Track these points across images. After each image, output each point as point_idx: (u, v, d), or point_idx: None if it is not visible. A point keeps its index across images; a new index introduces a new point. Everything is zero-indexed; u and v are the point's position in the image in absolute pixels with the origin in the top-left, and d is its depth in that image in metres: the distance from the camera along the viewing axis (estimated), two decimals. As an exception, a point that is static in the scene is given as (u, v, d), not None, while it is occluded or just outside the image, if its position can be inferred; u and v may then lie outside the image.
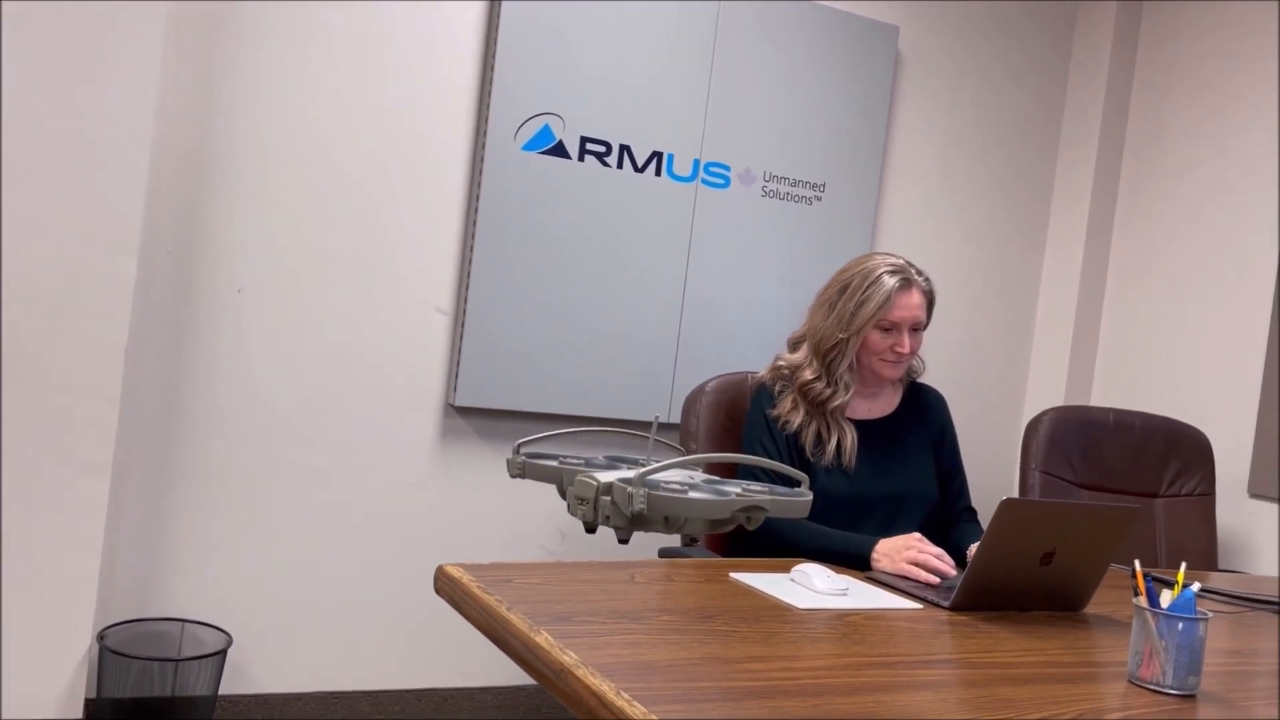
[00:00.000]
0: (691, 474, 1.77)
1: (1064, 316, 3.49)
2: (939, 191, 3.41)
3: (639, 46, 2.84)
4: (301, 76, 2.56)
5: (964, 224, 3.46)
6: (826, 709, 1.02)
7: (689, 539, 2.04)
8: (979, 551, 1.51)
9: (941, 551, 1.74)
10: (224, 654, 2.45)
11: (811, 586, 1.53)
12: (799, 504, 1.68)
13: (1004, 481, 3.45)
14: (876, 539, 1.80)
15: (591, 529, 1.60)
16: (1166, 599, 1.25)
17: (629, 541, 1.62)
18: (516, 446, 1.84)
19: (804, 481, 1.76)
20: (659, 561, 1.70)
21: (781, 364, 2.11)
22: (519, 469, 1.82)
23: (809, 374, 2.04)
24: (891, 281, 2.00)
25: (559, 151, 2.77)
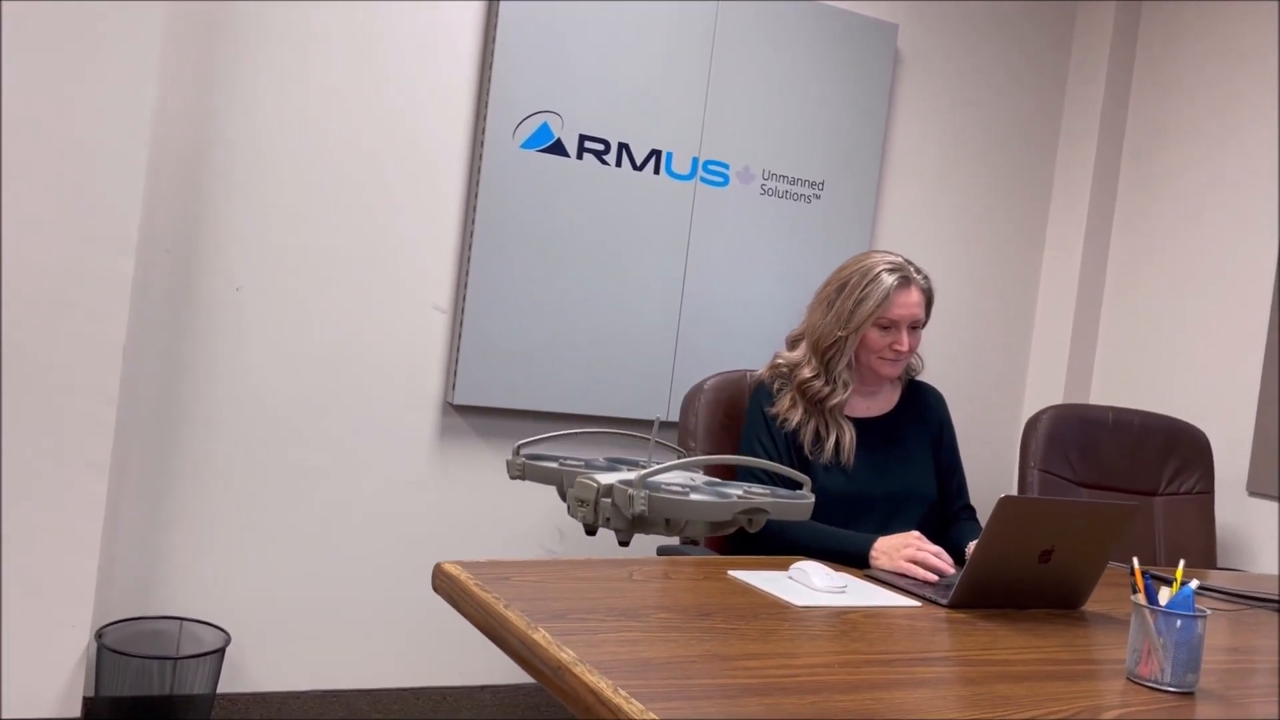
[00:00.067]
0: (692, 476, 1.77)
1: (1063, 314, 3.49)
2: (938, 190, 3.41)
3: (638, 44, 2.84)
4: (300, 75, 2.56)
5: (963, 222, 3.46)
6: (824, 706, 1.02)
7: (689, 540, 2.04)
8: (977, 549, 1.51)
9: (940, 550, 1.74)
10: (222, 652, 2.45)
11: (810, 584, 1.53)
12: (801, 506, 1.67)
13: (1003, 480, 3.45)
14: (875, 537, 1.80)
15: (592, 531, 1.60)
16: (1165, 596, 1.25)
17: (629, 544, 1.62)
18: (516, 448, 1.84)
19: (806, 484, 1.76)
20: (657, 559, 1.70)
21: (780, 362, 2.11)
22: (519, 470, 1.81)
23: (807, 372, 2.04)
24: (890, 279, 2.00)
25: (557, 150, 2.76)
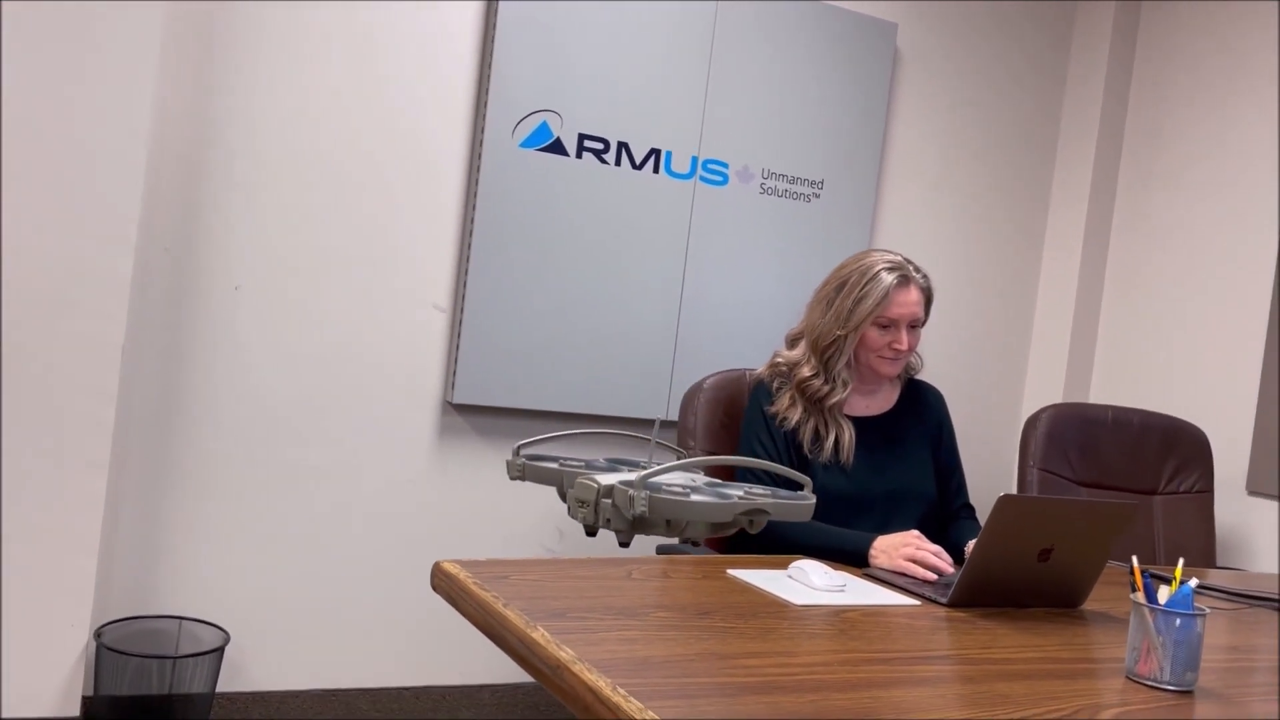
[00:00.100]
0: (693, 476, 1.76)
1: (1062, 313, 3.49)
2: (937, 189, 3.41)
3: (637, 43, 2.83)
4: (299, 75, 2.56)
5: (962, 221, 3.46)
6: (823, 705, 1.02)
7: (690, 540, 2.04)
8: (977, 548, 1.51)
9: (939, 549, 1.74)
10: (221, 651, 2.45)
11: (809, 583, 1.53)
12: (802, 507, 1.67)
13: (1002, 479, 3.45)
14: (874, 536, 1.80)
15: (592, 532, 1.59)
16: (1164, 595, 1.24)
17: (630, 545, 1.61)
18: (516, 448, 1.83)
19: (807, 484, 1.76)
20: (656, 558, 1.70)
21: (779, 361, 2.11)
22: (519, 471, 1.81)
23: (807, 371, 2.04)
24: (889, 278, 2.00)
25: (557, 149, 2.76)
